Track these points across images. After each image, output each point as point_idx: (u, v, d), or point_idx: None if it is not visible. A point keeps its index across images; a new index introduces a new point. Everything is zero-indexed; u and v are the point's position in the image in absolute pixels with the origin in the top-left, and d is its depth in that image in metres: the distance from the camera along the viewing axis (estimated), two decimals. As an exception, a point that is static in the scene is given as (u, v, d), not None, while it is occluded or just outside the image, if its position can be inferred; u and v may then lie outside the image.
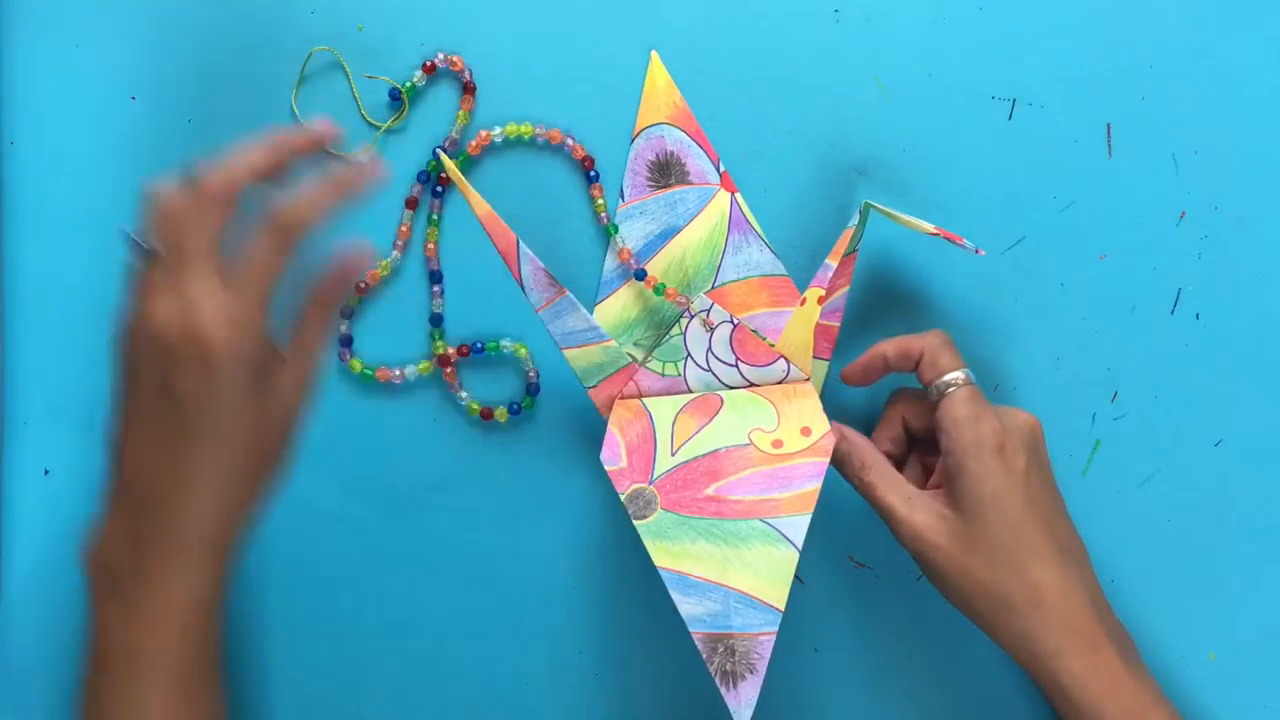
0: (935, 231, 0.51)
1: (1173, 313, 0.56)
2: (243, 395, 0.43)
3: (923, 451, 0.53)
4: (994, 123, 0.55)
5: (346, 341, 0.55)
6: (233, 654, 0.57)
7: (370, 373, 0.55)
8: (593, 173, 0.55)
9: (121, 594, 0.44)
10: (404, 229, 0.55)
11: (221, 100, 0.55)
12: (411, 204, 0.55)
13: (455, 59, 0.54)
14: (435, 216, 0.55)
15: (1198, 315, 0.56)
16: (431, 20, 0.55)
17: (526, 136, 0.55)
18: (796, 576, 0.56)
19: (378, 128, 0.55)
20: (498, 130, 0.55)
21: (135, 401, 0.43)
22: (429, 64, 0.54)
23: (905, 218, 0.51)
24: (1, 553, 0.56)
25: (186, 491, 0.43)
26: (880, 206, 0.52)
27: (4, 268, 0.56)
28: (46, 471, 0.56)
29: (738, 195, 0.56)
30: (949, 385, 0.49)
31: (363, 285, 0.55)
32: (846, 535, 0.56)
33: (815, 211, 0.56)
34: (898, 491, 0.50)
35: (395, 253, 0.55)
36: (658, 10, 0.55)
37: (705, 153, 0.55)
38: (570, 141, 0.55)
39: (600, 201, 0.55)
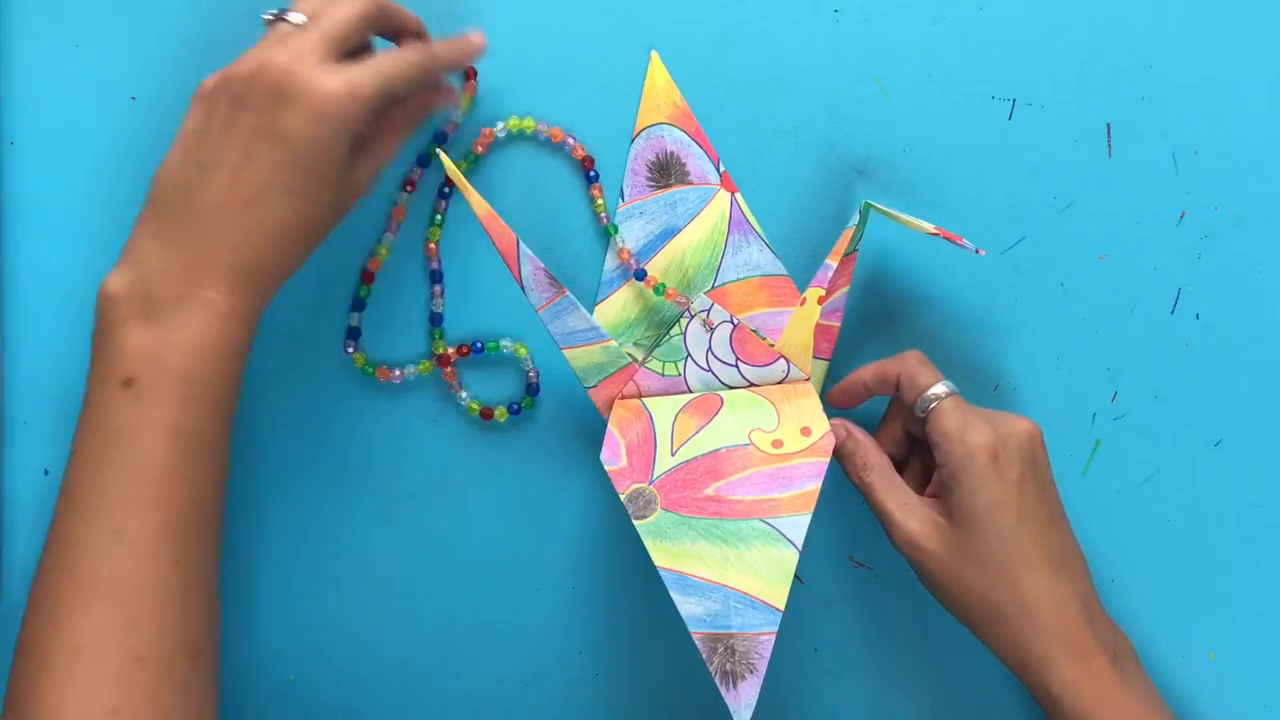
0: (935, 231, 0.51)
1: (1173, 313, 0.56)
2: (339, 156, 0.47)
3: (924, 454, 0.53)
4: (994, 123, 0.55)
5: (354, 334, 0.55)
6: (233, 652, 0.57)
7: (370, 371, 0.55)
8: (593, 173, 0.55)
9: (157, 315, 0.45)
10: (399, 210, 0.55)
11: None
12: (409, 185, 0.55)
13: None
14: (439, 217, 0.55)
15: (1198, 315, 0.56)
16: (431, 21, 0.55)
17: (529, 131, 0.55)
18: (796, 576, 0.56)
19: None
20: (500, 125, 0.55)
21: (229, 137, 0.46)
22: None
23: (905, 218, 0.51)
24: (2, 552, 0.56)
25: (258, 221, 0.46)
26: (880, 206, 0.52)
27: (4, 268, 0.56)
28: (46, 471, 0.56)
29: (738, 195, 0.56)
30: (932, 400, 0.50)
31: (366, 275, 0.55)
32: (846, 535, 0.56)
33: (815, 211, 0.56)
34: (895, 496, 0.50)
35: (389, 234, 0.55)
36: (658, 10, 0.55)
37: (705, 153, 0.55)
38: (570, 141, 0.55)
39: (600, 201, 0.55)
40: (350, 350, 0.55)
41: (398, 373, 0.55)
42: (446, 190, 0.55)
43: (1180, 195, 0.55)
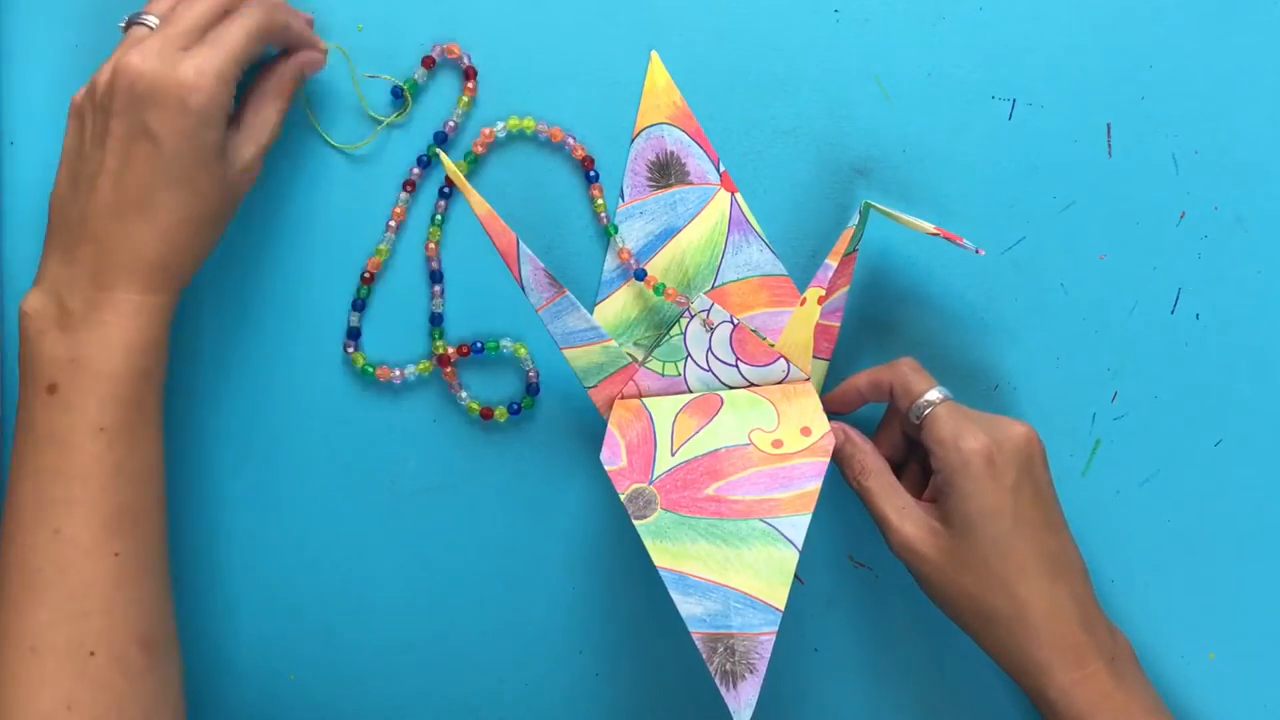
0: (935, 231, 0.51)
1: (1173, 313, 0.56)
2: (212, 141, 0.48)
3: (922, 457, 0.53)
4: (994, 123, 0.55)
5: (354, 334, 0.55)
6: (233, 652, 0.57)
7: (370, 370, 0.55)
8: (593, 173, 0.55)
9: (74, 322, 0.47)
10: (398, 210, 0.55)
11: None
12: (409, 186, 0.55)
13: (452, 46, 0.54)
14: (439, 217, 0.55)
15: (1198, 315, 0.56)
16: (431, 21, 0.55)
17: (529, 131, 0.55)
18: (796, 576, 0.56)
19: (380, 121, 0.55)
20: (500, 125, 0.55)
21: (103, 145, 0.47)
22: (427, 58, 0.54)
23: (905, 218, 0.51)
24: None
25: (150, 219, 0.47)
26: (880, 206, 0.52)
27: (4, 268, 0.56)
28: (46, 471, 0.56)
29: (738, 195, 0.56)
30: (926, 406, 0.50)
31: (366, 276, 0.55)
32: (846, 535, 0.56)
33: (815, 211, 0.56)
34: (893, 501, 0.50)
35: (389, 234, 0.55)
36: (658, 10, 0.55)
37: (705, 153, 0.55)
38: (570, 141, 0.55)
39: (600, 201, 0.55)
40: (350, 350, 0.55)
41: (397, 373, 0.55)
42: (446, 190, 0.55)
43: (1180, 195, 0.55)
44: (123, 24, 0.50)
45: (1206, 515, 0.56)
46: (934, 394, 0.50)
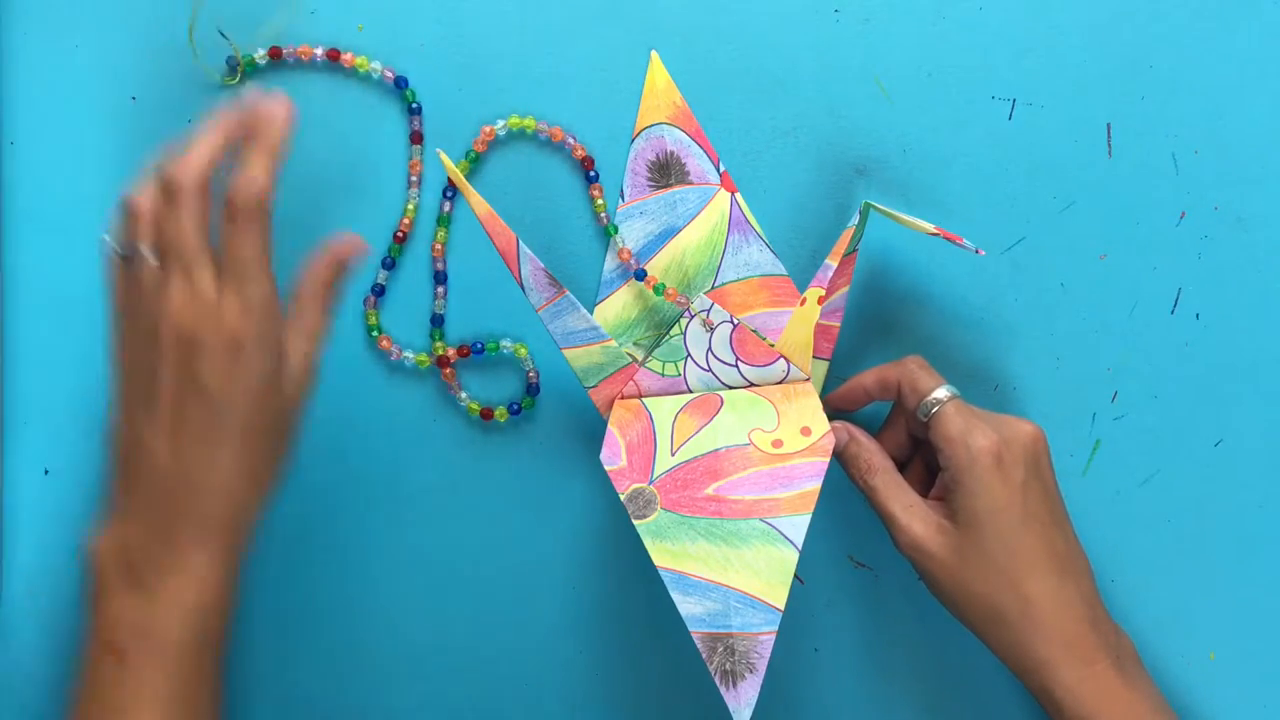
0: (935, 231, 0.51)
1: (1173, 313, 0.56)
2: (267, 380, 0.45)
3: (926, 455, 0.53)
4: (994, 123, 0.55)
5: (378, 290, 0.55)
6: (233, 652, 0.57)
7: (377, 333, 0.55)
8: (593, 173, 0.55)
9: (141, 584, 0.45)
10: (415, 163, 0.55)
11: (221, 101, 0.55)
12: (416, 138, 0.55)
13: (304, 49, 0.53)
14: (445, 217, 0.55)
15: (1198, 315, 0.56)
16: (431, 20, 0.55)
17: (529, 130, 0.55)
18: (796, 576, 0.56)
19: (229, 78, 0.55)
20: (500, 124, 0.55)
21: (154, 397, 0.44)
22: (274, 49, 0.55)
23: (905, 218, 0.51)
24: (2, 552, 0.56)
25: (212, 478, 0.45)
26: (880, 206, 0.52)
27: (4, 268, 0.56)
28: (46, 471, 0.56)
29: (738, 195, 0.56)
30: (934, 404, 0.50)
31: (399, 235, 0.55)
32: (846, 535, 0.56)
33: (815, 211, 0.56)
34: (899, 499, 0.50)
35: (413, 190, 0.55)
36: (658, 10, 0.55)
37: (705, 153, 0.55)
38: (570, 141, 0.55)
39: (600, 201, 0.55)
40: (369, 305, 0.55)
41: (396, 350, 0.55)
42: (450, 193, 0.55)
43: (1180, 195, 0.55)
44: (108, 240, 0.46)
45: (1206, 515, 0.56)
46: (942, 392, 0.50)
